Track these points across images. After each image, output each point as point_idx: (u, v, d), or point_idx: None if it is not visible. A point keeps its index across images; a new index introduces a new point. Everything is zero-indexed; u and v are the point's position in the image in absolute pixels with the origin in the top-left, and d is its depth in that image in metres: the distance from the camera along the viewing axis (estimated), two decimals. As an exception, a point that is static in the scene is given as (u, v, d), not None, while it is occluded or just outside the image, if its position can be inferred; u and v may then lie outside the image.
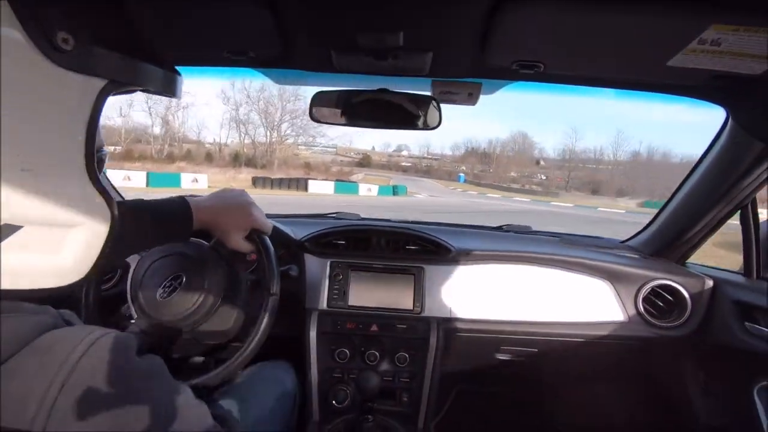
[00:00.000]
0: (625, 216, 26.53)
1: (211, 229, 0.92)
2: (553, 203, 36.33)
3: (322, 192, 28.93)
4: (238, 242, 0.95)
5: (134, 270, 0.97)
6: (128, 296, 0.97)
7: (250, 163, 49.74)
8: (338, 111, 1.15)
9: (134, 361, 0.44)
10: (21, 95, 0.40)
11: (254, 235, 0.98)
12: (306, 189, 29.60)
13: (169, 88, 0.56)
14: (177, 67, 0.57)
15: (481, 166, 75.99)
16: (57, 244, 0.46)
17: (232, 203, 0.93)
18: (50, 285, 0.46)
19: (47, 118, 0.42)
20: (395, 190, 34.99)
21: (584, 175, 70.37)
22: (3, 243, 0.40)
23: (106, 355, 0.42)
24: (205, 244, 1.02)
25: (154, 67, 0.52)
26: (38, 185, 0.42)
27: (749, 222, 1.22)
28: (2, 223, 0.40)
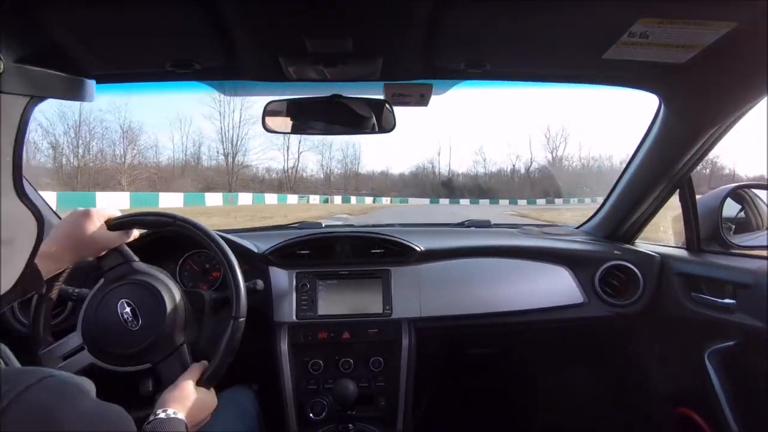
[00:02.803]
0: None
1: (75, 252, 0.88)
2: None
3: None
4: (103, 237, 0.91)
5: (86, 329, 0.92)
6: (99, 358, 0.91)
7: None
8: (291, 120, 1.13)
9: (79, 409, 0.39)
10: None
11: (116, 222, 0.94)
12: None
13: (85, 94, 0.58)
14: (126, 84, 0.60)
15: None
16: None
17: (65, 221, 0.90)
18: None
19: None
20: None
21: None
22: None
23: (39, 404, 0.36)
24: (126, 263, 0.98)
25: (73, 78, 0.53)
26: None
27: (687, 199, 1.31)
28: None
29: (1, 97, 0.43)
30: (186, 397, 0.83)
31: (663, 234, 1.66)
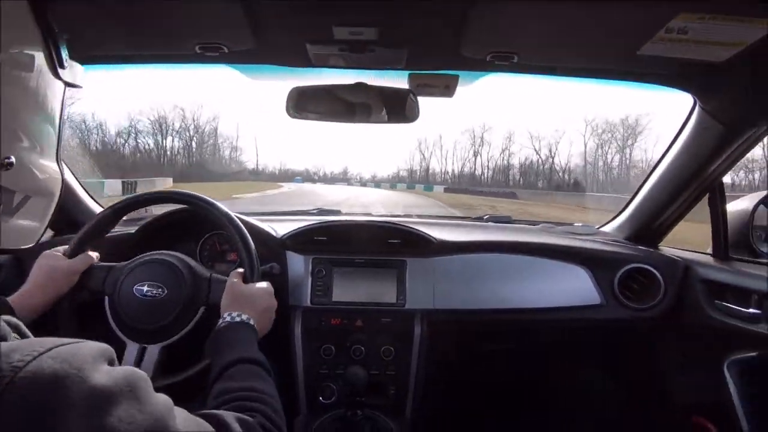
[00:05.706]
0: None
1: (52, 287, 0.92)
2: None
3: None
4: (67, 266, 0.95)
5: (122, 329, 0.96)
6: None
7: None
8: (315, 106, 1.13)
9: (95, 378, 0.36)
10: (41, 105, 0.55)
11: (70, 250, 0.98)
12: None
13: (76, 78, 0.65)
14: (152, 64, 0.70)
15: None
16: (35, 211, 0.57)
17: (35, 266, 0.94)
18: (20, 246, 0.56)
19: (44, 117, 0.56)
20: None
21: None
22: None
23: (50, 372, 0.34)
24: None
25: (90, 66, 0.66)
26: (38, 164, 0.56)
27: (717, 204, 1.27)
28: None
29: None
30: (242, 294, 0.89)
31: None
